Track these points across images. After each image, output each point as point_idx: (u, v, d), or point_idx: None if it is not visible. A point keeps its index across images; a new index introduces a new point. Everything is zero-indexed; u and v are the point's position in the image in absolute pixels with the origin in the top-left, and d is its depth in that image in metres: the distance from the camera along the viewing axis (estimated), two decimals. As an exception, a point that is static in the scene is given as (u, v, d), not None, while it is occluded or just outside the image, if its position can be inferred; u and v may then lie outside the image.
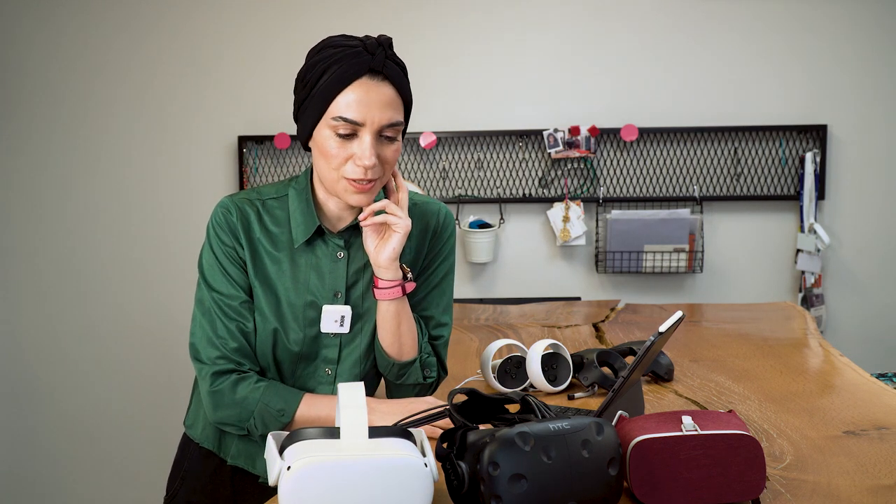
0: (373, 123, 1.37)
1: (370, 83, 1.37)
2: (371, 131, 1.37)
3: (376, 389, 1.61)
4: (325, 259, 1.49)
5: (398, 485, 1.00)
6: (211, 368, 1.44)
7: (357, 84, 1.36)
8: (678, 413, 1.14)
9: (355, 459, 1.00)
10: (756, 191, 3.39)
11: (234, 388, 1.43)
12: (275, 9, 3.46)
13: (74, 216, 3.60)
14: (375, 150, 1.38)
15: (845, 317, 3.43)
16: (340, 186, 1.41)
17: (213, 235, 1.47)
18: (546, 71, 3.43)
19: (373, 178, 1.39)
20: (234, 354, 1.44)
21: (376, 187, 1.42)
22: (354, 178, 1.38)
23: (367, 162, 1.36)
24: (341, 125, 1.36)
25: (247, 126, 3.50)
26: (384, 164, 1.41)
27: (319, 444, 1.02)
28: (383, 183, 1.44)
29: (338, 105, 1.36)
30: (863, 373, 1.83)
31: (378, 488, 0.99)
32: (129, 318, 3.61)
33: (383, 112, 1.37)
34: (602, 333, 2.37)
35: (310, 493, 0.98)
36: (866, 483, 1.18)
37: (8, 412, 3.69)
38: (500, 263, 3.51)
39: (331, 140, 1.38)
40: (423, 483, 1.01)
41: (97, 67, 3.54)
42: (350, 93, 1.36)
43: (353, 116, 1.36)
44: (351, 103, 1.36)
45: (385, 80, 1.38)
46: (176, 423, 1.96)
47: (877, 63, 3.34)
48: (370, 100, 1.36)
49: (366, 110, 1.36)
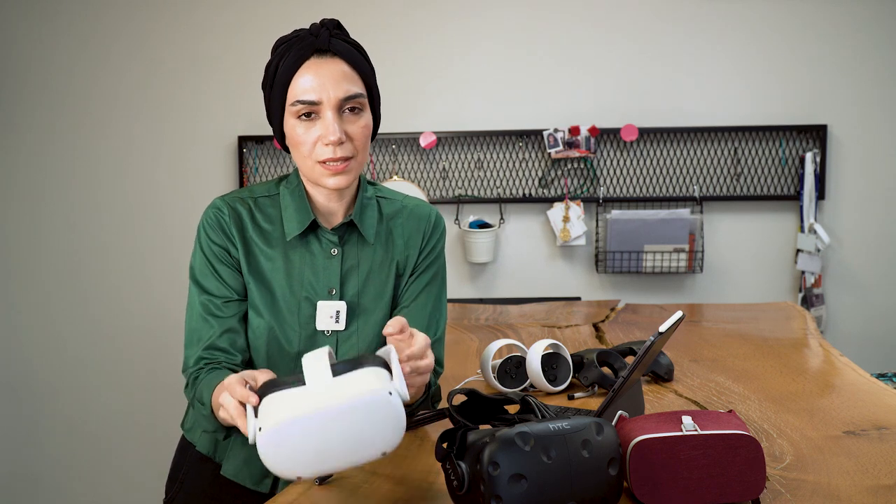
0: (329, 100, 1.39)
1: (319, 62, 1.40)
2: (330, 107, 1.39)
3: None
4: (320, 256, 1.49)
5: (366, 420, 1.03)
6: (193, 373, 1.44)
7: (306, 66, 1.40)
8: (678, 413, 1.14)
9: (319, 409, 1.03)
10: (756, 191, 3.39)
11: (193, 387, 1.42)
12: (275, 9, 3.47)
13: (75, 216, 3.60)
14: (339, 125, 1.39)
15: (845, 317, 3.43)
16: (317, 172, 1.42)
17: (203, 236, 1.48)
18: (546, 71, 3.43)
19: (344, 155, 1.40)
20: (218, 355, 1.44)
21: (353, 167, 1.42)
22: (325, 158, 1.40)
23: (332, 137, 1.38)
24: (300, 108, 1.40)
25: (247, 126, 3.50)
26: (353, 140, 1.42)
27: (286, 395, 1.05)
28: (361, 164, 1.45)
29: (293, 91, 1.40)
30: (863, 373, 1.83)
31: (347, 430, 1.03)
32: (129, 318, 3.61)
33: (338, 86, 1.39)
34: (602, 333, 2.36)
35: (285, 448, 1.03)
36: (866, 483, 1.18)
37: (7, 413, 3.69)
38: (500, 263, 3.51)
39: (297, 127, 1.41)
40: (392, 412, 1.04)
41: (97, 68, 3.54)
42: (302, 76, 1.39)
43: (308, 97, 1.39)
44: (305, 85, 1.39)
45: (334, 56, 1.41)
46: (175, 425, 1.96)
47: (877, 63, 3.34)
48: (322, 77, 1.39)
49: (320, 88, 1.38)
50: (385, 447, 1.05)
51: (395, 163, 3.46)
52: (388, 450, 1.06)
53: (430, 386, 1.55)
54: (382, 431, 1.04)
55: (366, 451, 1.05)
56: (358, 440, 1.04)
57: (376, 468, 1.28)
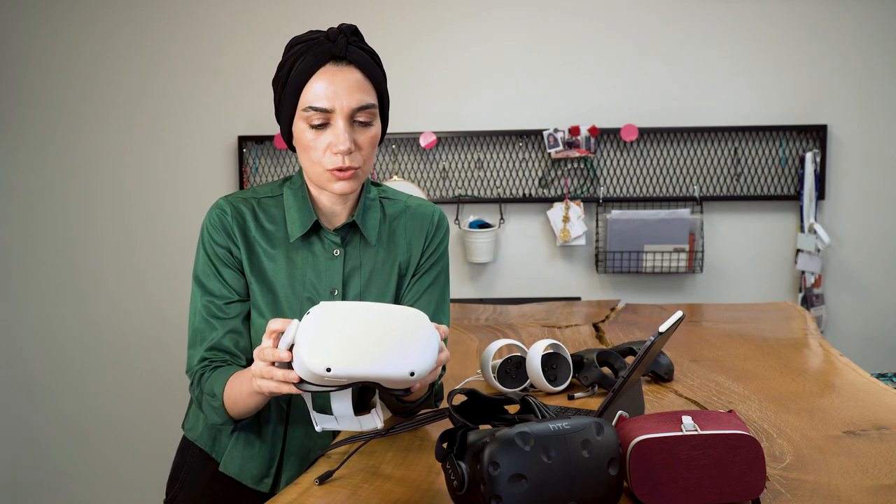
0: (342, 109, 1.38)
1: (335, 69, 1.38)
2: (342, 116, 1.38)
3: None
4: (322, 256, 1.50)
5: (404, 328, 1.15)
6: (198, 371, 1.46)
7: (321, 72, 1.38)
8: (678, 413, 1.14)
9: (365, 303, 1.17)
10: (756, 191, 3.39)
11: (200, 384, 1.45)
12: (275, 8, 3.47)
13: (74, 216, 3.60)
14: (350, 135, 1.39)
15: (845, 317, 3.43)
16: (325, 178, 1.42)
17: (206, 237, 1.48)
18: (546, 71, 3.43)
19: (351, 165, 1.40)
20: (222, 356, 1.45)
21: (359, 175, 1.43)
22: (334, 167, 1.40)
23: (342, 147, 1.38)
24: (313, 115, 1.39)
25: (247, 126, 3.50)
26: (361, 149, 1.42)
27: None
28: (367, 171, 1.45)
29: (307, 96, 1.39)
30: (863, 373, 1.83)
31: (385, 331, 1.14)
32: (129, 319, 3.61)
33: (351, 96, 1.38)
34: (602, 333, 2.36)
35: (325, 330, 1.12)
36: (866, 483, 1.18)
37: (7, 414, 3.69)
38: (500, 263, 3.51)
39: (307, 132, 1.40)
40: (427, 334, 1.16)
41: (97, 67, 3.54)
42: (316, 82, 1.38)
43: (321, 104, 1.38)
44: (318, 92, 1.38)
45: (350, 64, 1.39)
46: (175, 425, 1.96)
47: (877, 63, 3.34)
48: (336, 86, 1.38)
49: (333, 97, 1.37)
50: (415, 366, 1.13)
51: (395, 163, 3.46)
52: (417, 370, 1.13)
53: (433, 385, 1.55)
54: (416, 348, 1.14)
55: (397, 361, 1.12)
56: (392, 346, 1.12)
57: (376, 468, 1.28)
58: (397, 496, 1.17)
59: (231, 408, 1.40)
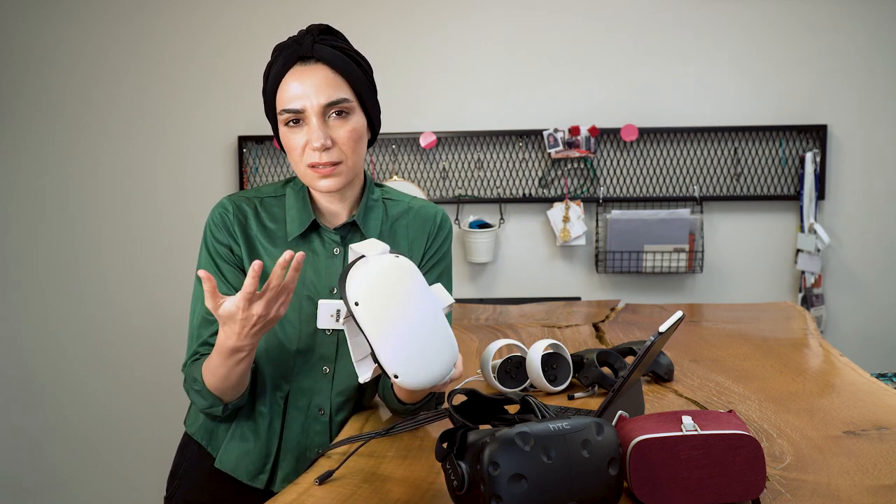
0: (313, 107, 1.41)
1: (302, 70, 1.42)
2: (315, 114, 1.41)
3: (378, 387, 1.60)
4: (322, 255, 1.51)
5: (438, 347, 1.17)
6: (189, 362, 1.49)
7: (290, 74, 1.42)
8: (678, 413, 1.14)
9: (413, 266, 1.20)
10: (756, 191, 3.39)
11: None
12: (275, 9, 3.46)
13: (74, 216, 3.60)
14: (324, 131, 1.41)
15: (845, 317, 3.43)
16: (309, 175, 1.45)
17: (208, 235, 1.50)
18: (546, 71, 3.43)
19: (330, 160, 1.42)
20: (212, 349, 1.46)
21: (342, 171, 1.44)
22: (313, 162, 1.42)
23: (315, 144, 1.40)
24: (288, 117, 1.43)
25: (247, 126, 3.50)
26: (340, 144, 1.43)
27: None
28: (353, 167, 1.45)
29: (280, 99, 1.43)
30: (863, 373, 1.83)
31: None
32: (129, 318, 3.61)
33: (319, 93, 1.41)
34: (602, 333, 2.36)
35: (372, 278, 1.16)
36: (866, 483, 1.18)
37: (7, 413, 3.68)
38: (500, 263, 3.51)
39: (287, 134, 1.44)
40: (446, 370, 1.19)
41: (97, 67, 3.54)
42: (287, 84, 1.42)
43: (293, 106, 1.41)
44: (290, 93, 1.42)
45: (318, 62, 1.42)
46: (175, 423, 1.96)
47: (877, 63, 3.34)
48: (304, 86, 1.41)
49: (303, 96, 1.41)
50: (406, 377, 1.15)
51: (395, 163, 3.46)
52: (404, 381, 1.15)
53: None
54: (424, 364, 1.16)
55: (399, 357, 1.14)
56: (410, 344, 1.15)
57: (376, 468, 1.28)
58: (397, 496, 1.17)
59: (211, 382, 1.41)
